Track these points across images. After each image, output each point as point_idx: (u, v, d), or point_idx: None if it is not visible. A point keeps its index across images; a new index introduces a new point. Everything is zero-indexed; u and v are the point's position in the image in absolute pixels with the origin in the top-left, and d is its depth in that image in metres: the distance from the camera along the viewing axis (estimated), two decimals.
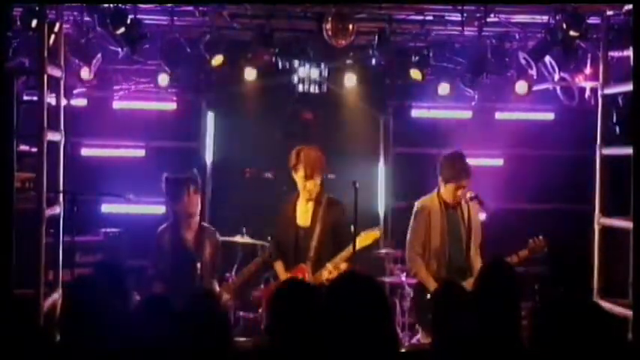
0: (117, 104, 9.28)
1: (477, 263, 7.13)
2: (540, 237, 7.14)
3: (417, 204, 7.38)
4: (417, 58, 8.21)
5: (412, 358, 4.75)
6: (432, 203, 7.27)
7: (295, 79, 8.53)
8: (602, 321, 4.30)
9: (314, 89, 8.59)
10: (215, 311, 4.20)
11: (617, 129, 7.88)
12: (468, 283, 6.02)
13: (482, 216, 7.15)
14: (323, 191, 7.29)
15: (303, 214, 7.33)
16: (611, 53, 7.49)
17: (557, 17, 7.28)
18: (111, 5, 7.07)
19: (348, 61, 8.56)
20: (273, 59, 8.20)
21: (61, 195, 7.22)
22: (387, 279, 8.34)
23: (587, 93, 8.13)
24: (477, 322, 4.48)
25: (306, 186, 7.23)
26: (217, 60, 8.07)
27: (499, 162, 9.63)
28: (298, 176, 7.26)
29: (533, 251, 7.12)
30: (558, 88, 8.40)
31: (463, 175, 7.14)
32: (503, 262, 5.42)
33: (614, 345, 4.25)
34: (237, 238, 7.62)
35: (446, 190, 7.21)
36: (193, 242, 7.09)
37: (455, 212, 7.25)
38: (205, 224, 7.43)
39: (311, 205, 7.30)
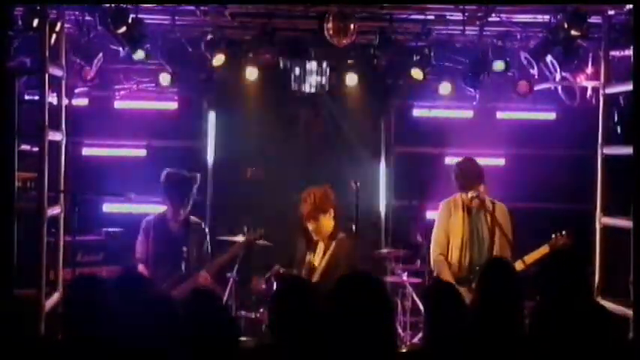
0: (118, 104, 9.28)
1: None
2: (564, 232, 7.18)
3: (440, 204, 7.38)
4: (418, 57, 8.20)
5: (413, 358, 4.73)
6: (454, 204, 7.23)
7: (296, 78, 8.53)
8: (603, 320, 4.30)
9: (315, 89, 8.59)
10: (219, 311, 4.19)
11: (619, 128, 7.87)
12: None
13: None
14: (337, 228, 7.12)
15: (318, 252, 7.19)
16: (613, 52, 7.48)
17: (559, 17, 7.27)
18: (112, 5, 7.07)
19: (350, 61, 8.56)
20: (275, 59, 8.20)
21: (62, 194, 7.22)
22: (388, 278, 8.33)
23: (589, 92, 8.12)
24: (469, 318, 4.48)
25: (308, 227, 7.14)
26: (218, 59, 8.08)
27: (500, 162, 9.61)
28: None
29: (554, 248, 7.07)
30: (560, 87, 8.39)
31: (472, 185, 7.10)
32: (504, 261, 5.41)
33: (615, 344, 4.25)
34: (238, 238, 7.60)
35: (463, 195, 7.22)
36: (179, 231, 7.26)
37: (478, 214, 7.19)
38: (192, 217, 7.44)
39: (324, 243, 7.15)
